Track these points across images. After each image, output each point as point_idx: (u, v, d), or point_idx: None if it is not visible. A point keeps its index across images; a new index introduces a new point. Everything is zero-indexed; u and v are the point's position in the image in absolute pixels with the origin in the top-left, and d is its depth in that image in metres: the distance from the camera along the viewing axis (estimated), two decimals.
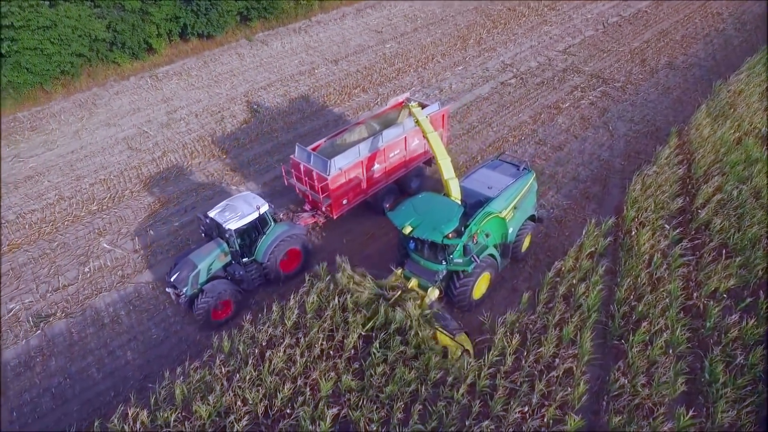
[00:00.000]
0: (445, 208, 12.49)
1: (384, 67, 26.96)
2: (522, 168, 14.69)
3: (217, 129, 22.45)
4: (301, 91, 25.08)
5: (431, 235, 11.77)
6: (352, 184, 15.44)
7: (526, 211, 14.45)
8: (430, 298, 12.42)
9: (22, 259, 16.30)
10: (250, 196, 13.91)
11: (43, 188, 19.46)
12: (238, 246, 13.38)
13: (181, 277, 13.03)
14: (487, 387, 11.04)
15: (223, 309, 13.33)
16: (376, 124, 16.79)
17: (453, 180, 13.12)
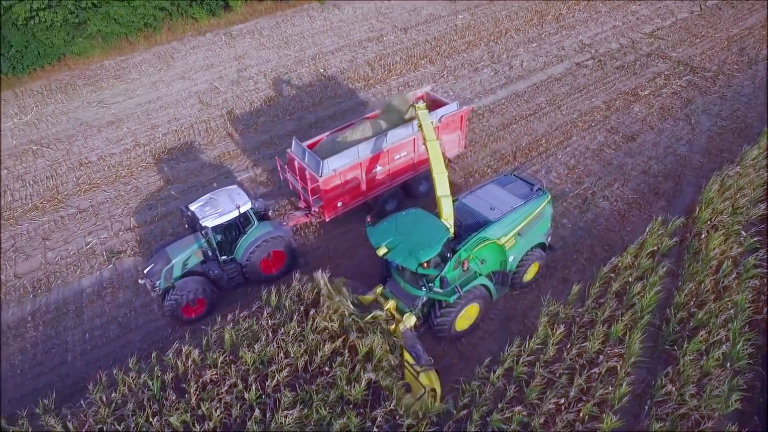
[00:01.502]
0: (430, 231, 10.96)
1: (454, 39, 26.19)
2: (536, 189, 12.88)
3: (283, 90, 22.88)
4: (367, 58, 24.94)
5: (405, 261, 10.49)
6: (348, 186, 14.29)
7: (534, 238, 12.68)
8: (405, 325, 11.30)
9: (100, 198, 17.66)
10: (235, 192, 13.11)
11: (122, 134, 20.80)
12: (216, 243, 12.83)
13: (154, 269, 12.62)
14: (524, 374, 10.95)
15: (195, 306, 12.82)
16: (384, 122, 15.39)
17: (446, 198, 11.43)
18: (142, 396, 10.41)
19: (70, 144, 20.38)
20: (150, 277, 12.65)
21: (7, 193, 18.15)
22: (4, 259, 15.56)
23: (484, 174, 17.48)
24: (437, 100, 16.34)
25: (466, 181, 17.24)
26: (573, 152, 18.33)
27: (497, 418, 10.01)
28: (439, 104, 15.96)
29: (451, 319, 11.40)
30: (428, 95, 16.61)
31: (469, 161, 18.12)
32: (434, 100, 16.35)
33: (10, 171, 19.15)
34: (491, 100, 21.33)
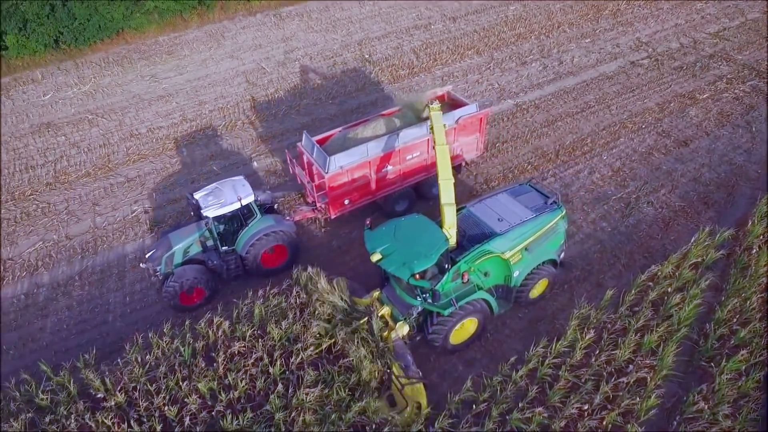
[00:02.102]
0: (428, 240, 10.49)
1: (503, 31, 25.55)
2: (550, 202, 12.19)
3: (326, 73, 23.02)
4: (413, 45, 24.71)
5: (398, 271, 10.11)
6: (356, 184, 13.96)
7: (544, 254, 11.95)
8: (397, 334, 11.00)
9: (147, 168, 18.40)
10: (240, 183, 13.06)
11: (171, 108, 21.52)
12: (218, 234, 12.90)
13: (155, 255, 12.82)
14: (548, 375, 10.77)
15: (193, 294, 12.91)
16: (398, 120, 14.89)
17: (450, 206, 10.99)
18: (173, 360, 10.91)
19: (122, 115, 21.26)
20: (151, 262, 12.82)
21: (63, 158, 19.17)
22: (59, 220, 16.49)
23: (524, 170, 17.11)
24: (457, 100, 15.71)
25: (504, 176, 16.93)
26: (619, 154, 17.65)
27: (517, 417, 9.92)
28: (459, 105, 15.33)
29: (445, 333, 10.98)
30: (449, 95, 16.06)
31: (509, 156, 17.77)
32: (454, 100, 15.83)
33: (67, 138, 20.20)
34: (537, 95, 20.75)
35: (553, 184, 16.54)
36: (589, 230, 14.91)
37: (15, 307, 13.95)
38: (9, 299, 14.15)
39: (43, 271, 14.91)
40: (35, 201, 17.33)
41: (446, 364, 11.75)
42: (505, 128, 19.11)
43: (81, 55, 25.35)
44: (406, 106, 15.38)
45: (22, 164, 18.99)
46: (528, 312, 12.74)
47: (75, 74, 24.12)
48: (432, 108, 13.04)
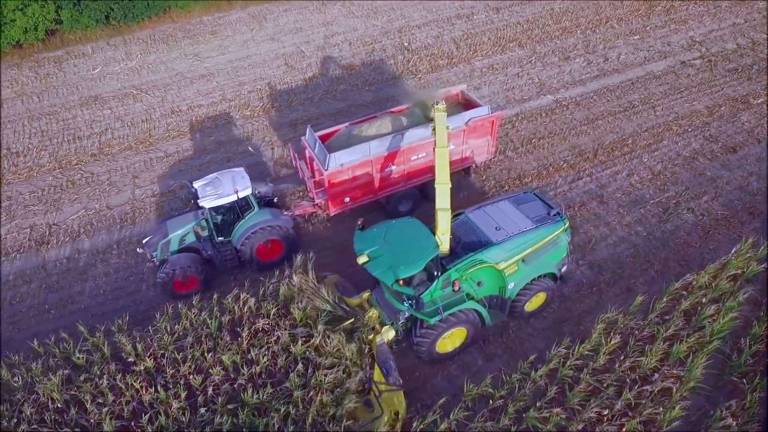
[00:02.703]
0: (418, 245, 10.15)
1: (548, 23, 24.84)
2: (553, 213, 11.63)
3: (365, 60, 22.99)
4: (454, 35, 24.35)
5: (383, 275, 9.84)
6: (357, 183, 13.67)
7: (543, 267, 11.45)
8: (382, 338, 10.83)
9: (185, 145, 18.92)
10: (240, 175, 13.02)
11: (211, 87, 21.98)
12: (214, 224, 13.00)
13: (152, 241, 13.08)
14: (568, 377, 10.62)
15: (187, 282, 12.95)
16: (405, 119, 14.44)
17: (444, 212, 10.54)
18: (200, 332, 11.29)
19: (165, 92, 21.86)
20: (147, 248, 13.09)
21: (108, 131, 19.91)
22: (101, 190, 17.20)
23: (559, 168, 16.74)
24: (471, 100, 15.17)
25: (538, 173, 16.60)
26: (661, 157, 17.01)
27: (533, 416, 9.84)
28: (473, 105, 14.81)
29: (430, 342, 10.70)
30: (463, 94, 15.59)
31: (545, 153, 17.39)
32: (468, 100, 15.36)
33: (112, 111, 20.95)
34: (579, 92, 20.16)
35: (589, 184, 16.13)
36: (623, 233, 14.50)
37: (57, 270, 14.70)
38: (52, 262, 14.93)
39: (84, 238, 15.62)
40: (80, 170, 18.11)
41: (466, 356, 11.73)
42: (542, 124, 18.69)
43: (129, 31, 26.13)
44: (416, 105, 14.97)
45: (70, 134, 19.84)
46: (553, 312, 12.56)
47: (123, 50, 24.90)
48: (437, 108, 12.44)
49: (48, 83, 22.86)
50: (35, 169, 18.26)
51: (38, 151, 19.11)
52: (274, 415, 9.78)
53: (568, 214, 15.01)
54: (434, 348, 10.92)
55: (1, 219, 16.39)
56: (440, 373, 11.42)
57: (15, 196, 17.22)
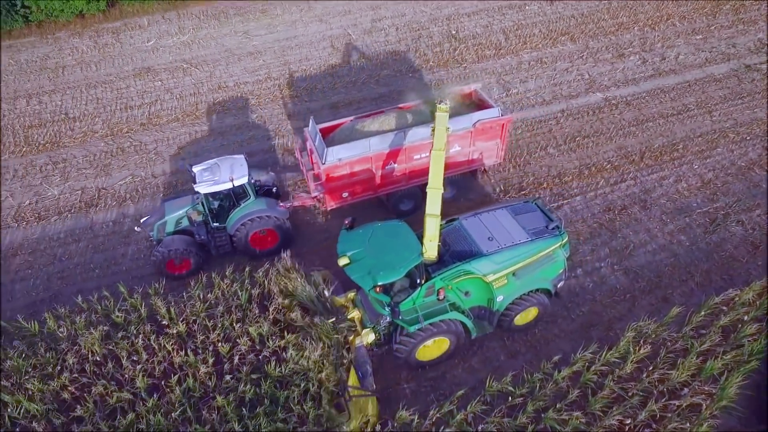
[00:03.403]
0: (402, 251, 9.81)
1: (604, 18, 23.85)
2: (551, 226, 11.07)
3: (411, 46, 22.79)
4: (504, 25, 23.76)
5: (361, 280, 9.56)
6: (357, 179, 13.40)
7: (536, 281, 10.97)
8: (362, 340, 10.64)
9: (229, 121, 19.39)
10: (239, 162, 12.98)
11: (258, 65, 22.36)
12: (209, 209, 13.10)
13: (149, 221, 13.39)
14: (592, 382, 10.41)
15: (180, 264, 13.16)
16: (410, 116, 14.02)
17: (434, 218, 10.22)
18: (231, 302, 11.68)
19: (213, 67, 22.40)
20: (144, 227, 13.48)
21: (158, 102, 20.63)
22: (147, 159, 17.90)
23: (601, 168, 16.22)
24: (483, 101, 14.61)
25: (580, 172, 16.13)
26: (714, 165, 16.20)
27: (552, 417, 9.73)
28: (485, 106, 14.32)
29: (409, 350, 10.41)
30: (476, 93, 15.06)
31: (588, 152, 16.87)
32: (481, 100, 14.76)
33: (163, 83, 21.66)
34: (630, 92, 19.36)
35: (633, 187, 15.56)
36: (664, 241, 13.96)
37: (104, 232, 15.48)
38: (99, 224, 15.73)
39: (130, 203, 16.34)
40: (130, 138, 18.89)
41: (489, 351, 11.69)
42: (588, 122, 18.10)
43: (184, 6, 26.81)
44: (424, 102, 14.59)
45: (122, 103, 20.67)
46: (582, 315, 12.30)
47: (176, 24, 25.59)
48: (439, 108, 11.90)
49: (105, 53, 23.84)
50: (89, 134, 19.18)
51: (93, 117, 20.03)
52: (295, 389, 10.07)
53: (607, 218, 14.63)
54: (414, 355, 10.64)
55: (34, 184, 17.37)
56: (461, 365, 11.42)
57: (70, 159, 18.17)
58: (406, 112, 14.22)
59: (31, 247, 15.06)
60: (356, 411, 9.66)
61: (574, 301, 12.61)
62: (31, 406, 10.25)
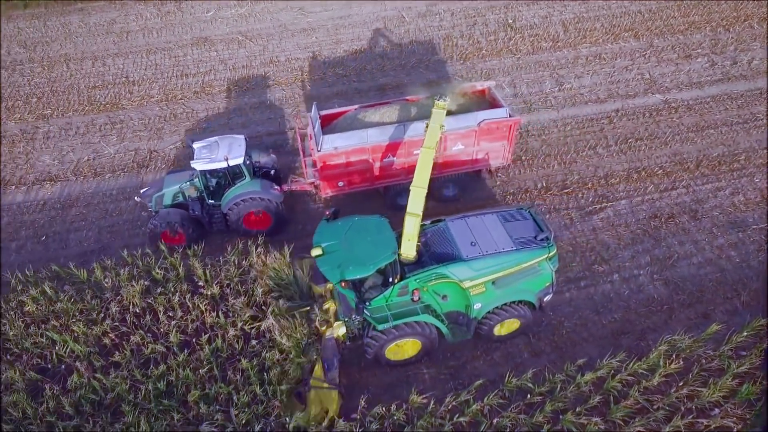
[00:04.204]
0: (375, 248, 9.61)
1: (674, 15, 22.53)
2: (540, 237, 10.49)
3: (465, 32, 22.35)
4: (564, 17, 22.87)
5: (329, 273, 9.41)
6: (353, 168, 13.23)
7: (518, 293, 10.49)
8: (333, 332, 10.59)
9: (278, 95, 19.74)
10: (238, 143, 13.09)
11: (310, 42, 22.56)
12: (205, 186, 13.31)
13: (148, 192, 13.82)
14: (615, 389, 10.15)
15: (175, 237, 13.35)
16: (414, 109, 13.67)
17: (414, 218, 9.93)
18: (264, 272, 12.03)
19: (267, 41, 22.78)
20: (143, 198, 13.94)
21: (212, 72, 21.23)
22: (198, 127, 18.53)
23: (652, 173, 15.52)
24: (495, 100, 14.09)
25: (628, 176, 15.49)
26: None
27: (570, 419, 9.57)
28: (496, 105, 13.84)
29: (377, 347, 10.24)
30: (489, 91, 14.45)
31: (640, 155, 16.16)
32: (493, 99, 14.25)
33: (218, 54, 22.24)
34: (694, 96, 18.31)
35: (684, 196, 14.83)
36: (712, 255, 13.28)
37: None
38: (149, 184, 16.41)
39: (178, 167, 16.99)
40: (183, 105, 19.59)
41: (512, 347, 11.57)
42: (643, 124, 17.29)
43: None
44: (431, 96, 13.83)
45: (179, 71, 21.40)
46: (614, 322, 11.95)
47: None
48: (437, 104, 11.60)
49: (167, 21, 24.67)
50: (146, 98, 20.02)
51: (150, 82, 20.87)
52: None
53: (652, 225, 14.05)
54: (383, 354, 10.51)
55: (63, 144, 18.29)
56: (483, 357, 11.38)
57: (126, 120, 19.06)
58: (411, 105, 13.93)
59: (86, 201, 15.99)
60: (315, 403, 9.72)
61: (606, 307, 12.26)
62: (76, 347, 11.04)
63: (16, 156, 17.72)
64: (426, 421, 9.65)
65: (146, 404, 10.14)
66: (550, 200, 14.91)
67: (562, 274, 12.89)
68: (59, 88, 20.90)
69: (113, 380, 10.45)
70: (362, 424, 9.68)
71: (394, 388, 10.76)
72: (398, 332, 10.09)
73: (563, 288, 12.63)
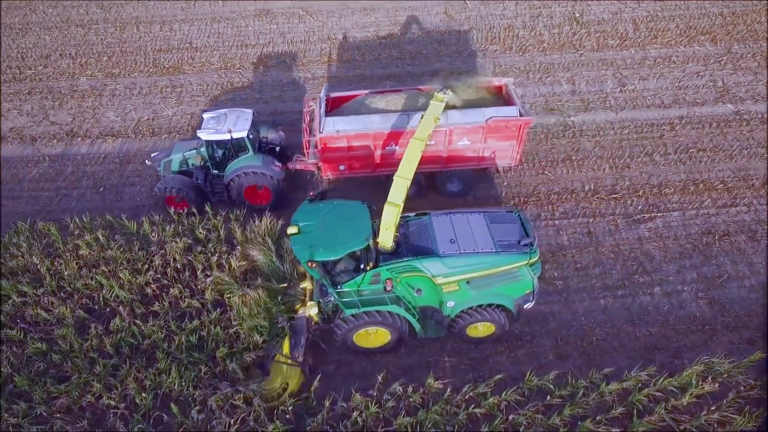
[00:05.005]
0: (349, 233, 9.56)
1: (759, 20, 20.90)
2: (523, 242, 10.13)
3: (527, 23, 21.67)
4: (636, 14, 21.69)
5: (299, 252, 9.42)
6: (354, 153, 13.09)
7: (494, 296, 10.27)
8: (305, 311, 10.69)
9: (332, 71, 19.90)
10: (245, 116, 13.33)
11: (369, 21, 22.50)
12: (211, 157, 13.63)
13: (158, 157, 14.41)
14: (640, 403, 9.81)
15: (180, 202, 13.75)
16: (422, 99, 13.19)
17: (393, 207, 9.75)
18: None
19: (327, 18, 22.93)
20: (153, 162, 14.61)
21: (270, 44, 21.65)
22: (251, 97, 19.01)
23: (711, 188, 14.65)
24: (510, 98, 13.56)
25: (684, 186, 14.69)
26: None
27: (588, 427, 9.38)
28: (511, 103, 13.34)
29: (344, 332, 10.31)
30: (506, 88, 13.88)
31: (700, 167, 15.27)
32: (509, 96, 13.68)
33: (278, 27, 22.63)
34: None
35: (744, 214, 13.94)
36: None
37: None
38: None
39: None
40: (240, 74, 20.13)
41: (538, 347, 11.40)
42: (708, 135, 16.28)
43: None
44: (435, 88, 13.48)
45: (239, 41, 21.96)
46: (649, 335, 11.50)
47: None
48: (436, 96, 11.38)
49: None
50: (206, 65, 20.70)
51: (212, 50, 21.54)
52: None
53: (704, 241, 13.34)
54: (351, 339, 10.58)
55: None
56: (506, 353, 11.27)
57: (186, 85, 19.81)
58: (420, 95, 13.57)
59: (142, 158, 16.82)
60: (277, 376, 10.01)
61: (642, 319, 11.81)
62: (121, 293, 11.80)
63: (85, 110, 18.83)
64: (441, 407, 9.72)
65: (178, 354, 10.75)
66: (596, 204, 14.40)
67: (598, 281, 12.52)
68: (128, 48, 21.94)
69: (150, 328, 11.13)
70: (378, 401, 9.86)
71: (413, 370, 10.86)
72: (366, 319, 10.16)
73: (598, 294, 12.27)
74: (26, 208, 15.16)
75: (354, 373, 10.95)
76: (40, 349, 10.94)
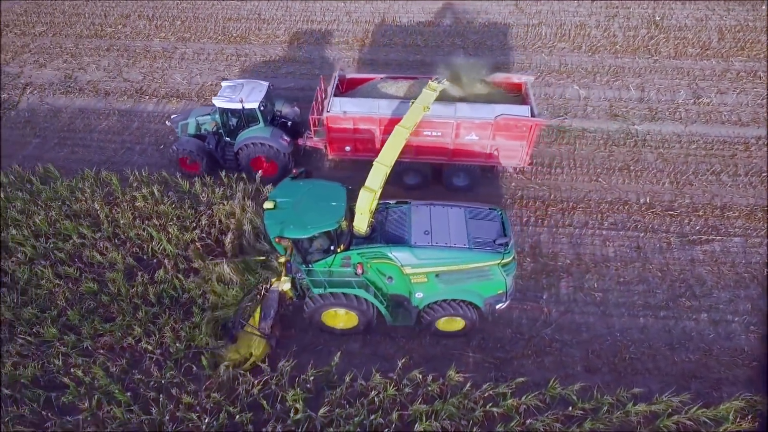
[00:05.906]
0: (322, 214, 9.67)
1: None
2: (499, 242, 9.82)
3: (601, 23, 20.67)
4: (723, 23, 20.24)
5: (270, 227, 9.59)
6: (360, 136, 13.11)
7: (464, 293, 10.17)
8: (278, 285, 10.80)
9: (392, 55, 19.83)
10: (260, 88, 13.71)
11: (434, 8, 22.25)
12: (225, 125, 14.07)
13: (176, 119, 14.94)
14: (667, 428, 9.38)
15: (191, 165, 14.29)
16: None
17: (369, 192, 9.68)
18: None
19: (394, 0, 22.78)
20: (172, 123, 15.11)
21: (335, 22, 21.83)
22: (310, 74, 19.28)
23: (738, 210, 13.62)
24: (527, 97, 13.18)
25: (751, 212, 13.71)
26: None
27: None
28: (527, 102, 12.99)
29: (312, 310, 10.49)
30: (525, 87, 13.35)
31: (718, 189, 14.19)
32: (526, 95, 13.31)
33: (345, 5, 22.72)
34: None
35: None
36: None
37: None
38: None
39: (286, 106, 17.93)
40: (303, 50, 20.43)
41: (567, 356, 11.07)
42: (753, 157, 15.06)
43: None
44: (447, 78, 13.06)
45: (306, 16, 22.26)
46: (688, 362, 10.91)
47: None
48: (429, 85, 11.34)
49: None
50: (272, 37, 21.15)
51: (279, 23, 21.97)
52: None
53: (766, 272, 12.44)
54: (319, 318, 10.77)
55: None
56: (533, 358, 11.03)
57: (251, 54, 20.34)
58: None
59: None
60: (243, 344, 10.45)
61: (683, 345, 11.22)
62: (168, 247, 12.41)
63: (155, 71, 19.75)
64: (458, 400, 9.70)
65: (211, 312, 11.24)
66: (650, 219, 13.72)
67: (641, 298, 11.99)
68: (201, 15, 22.74)
69: (190, 283, 11.67)
70: (397, 385, 9.96)
71: (435, 360, 10.86)
72: (332, 300, 10.35)
73: (638, 312, 11.76)
74: (93, 156, 16.17)
75: (378, 353, 11.08)
76: (91, 289, 11.73)
